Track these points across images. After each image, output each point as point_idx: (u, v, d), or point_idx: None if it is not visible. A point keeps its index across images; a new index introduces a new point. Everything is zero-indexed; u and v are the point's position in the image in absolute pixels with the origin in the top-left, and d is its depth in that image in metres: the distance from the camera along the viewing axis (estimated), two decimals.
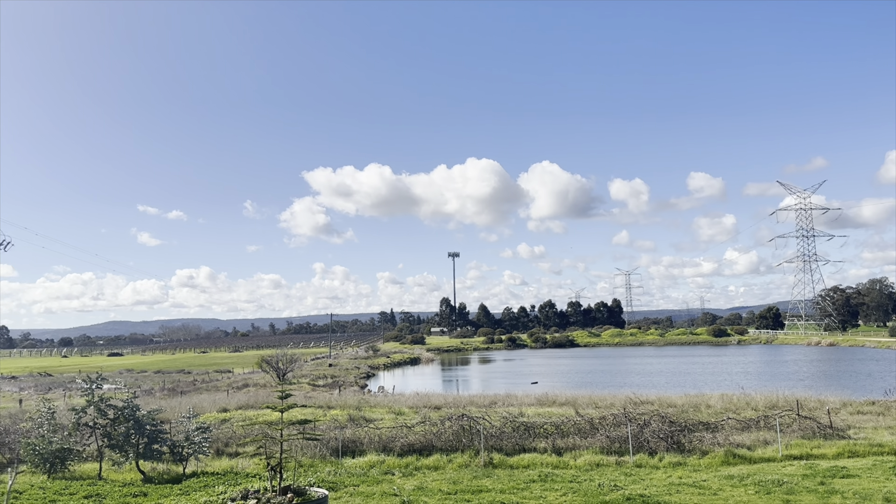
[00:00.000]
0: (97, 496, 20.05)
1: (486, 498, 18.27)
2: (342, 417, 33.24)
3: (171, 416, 31.39)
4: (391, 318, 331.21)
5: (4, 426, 28.59)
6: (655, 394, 42.75)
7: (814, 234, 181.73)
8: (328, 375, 76.15)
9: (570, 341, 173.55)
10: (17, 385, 73.53)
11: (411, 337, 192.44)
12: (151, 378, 78.74)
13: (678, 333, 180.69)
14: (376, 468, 23.41)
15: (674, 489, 18.87)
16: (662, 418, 26.14)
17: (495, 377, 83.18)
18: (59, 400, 46.21)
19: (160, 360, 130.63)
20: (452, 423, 26.58)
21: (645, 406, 34.25)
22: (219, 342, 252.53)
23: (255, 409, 40.16)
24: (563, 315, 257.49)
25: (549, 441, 25.40)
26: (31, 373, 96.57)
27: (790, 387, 47.48)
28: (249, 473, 23.05)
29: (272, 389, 53.06)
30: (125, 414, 23.26)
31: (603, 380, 70.45)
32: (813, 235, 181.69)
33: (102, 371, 27.13)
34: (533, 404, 39.07)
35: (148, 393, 55.54)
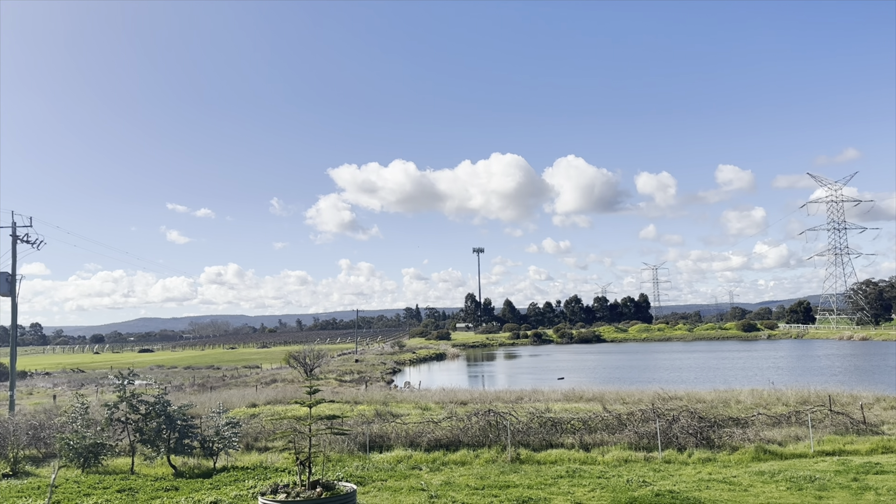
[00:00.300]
0: (130, 490, 20.39)
1: (514, 493, 18.26)
2: (369, 412, 33.42)
3: (201, 411, 31.79)
4: (416, 314, 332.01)
5: (39, 421, 29.18)
6: (684, 389, 42.37)
7: (845, 227, 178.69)
8: (354, 371, 76.60)
9: (597, 337, 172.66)
10: (50, 381, 75.01)
11: (436, 333, 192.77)
12: (181, 374, 79.84)
13: (707, 328, 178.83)
14: (403, 463, 23.51)
15: (703, 485, 18.71)
16: (691, 414, 25.91)
17: (521, 373, 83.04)
18: (92, 396, 47.05)
19: (190, 357, 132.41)
20: (479, 418, 26.59)
21: (673, 402, 33.96)
22: (247, 338, 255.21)
23: (284, 404, 40.54)
24: (589, 310, 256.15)
25: (576, 437, 25.30)
26: (64, 369, 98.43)
27: (822, 382, 46.78)
28: (279, 468, 23.27)
29: (300, 385, 53.52)
30: (156, 409, 23.60)
31: (630, 375, 69.99)
32: (844, 228, 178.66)
33: (133, 367, 27.51)
34: (560, 400, 38.96)
35: (178, 388, 56.32)
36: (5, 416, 33.21)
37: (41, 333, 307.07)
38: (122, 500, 19.07)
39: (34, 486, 21.30)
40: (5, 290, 42.25)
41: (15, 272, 42.62)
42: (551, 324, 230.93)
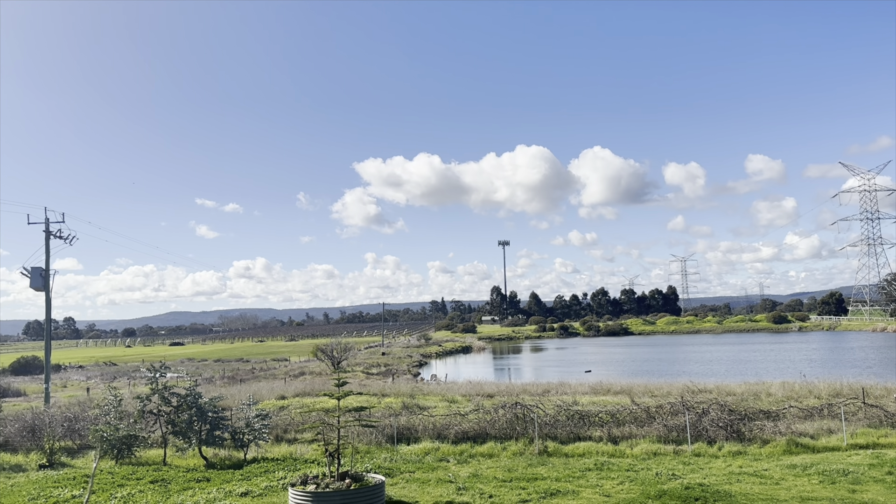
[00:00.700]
0: (162, 481, 20.72)
1: (542, 486, 18.24)
2: (396, 405, 33.56)
3: (231, 403, 32.18)
4: (442, 307, 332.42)
5: (74, 413, 29.75)
6: (714, 382, 41.93)
7: (878, 217, 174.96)
8: (381, 364, 76.97)
9: (624, 329, 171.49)
10: (84, 374, 76.45)
11: (462, 326, 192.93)
12: (211, 366, 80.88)
13: (736, 320, 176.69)
14: (431, 455, 23.59)
15: (734, 478, 18.52)
16: (721, 407, 25.62)
17: (548, 365, 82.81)
18: (124, 388, 47.84)
19: (219, 350, 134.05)
20: (506, 410, 26.57)
21: (703, 394, 33.62)
22: (275, 331, 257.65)
23: (312, 396, 40.87)
24: (616, 303, 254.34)
25: (604, 430, 25.17)
26: (97, 362, 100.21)
27: (855, 374, 46.02)
28: (308, 459, 23.49)
29: (328, 377, 53.90)
30: (188, 401, 23.95)
31: (659, 368, 69.44)
32: (878, 218, 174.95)
33: (165, 360, 28.05)
34: (587, 393, 38.77)
35: (208, 381, 57.07)
36: (41, 408, 33.92)
37: (74, 327, 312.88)
38: (155, 491, 19.39)
39: (70, 477, 21.75)
40: (39, 284, 43.10)
41: (48, 267, 43.44)
42: (578, 316, 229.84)
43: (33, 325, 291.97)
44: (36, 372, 73.59)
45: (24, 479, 22.01)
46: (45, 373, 44.12)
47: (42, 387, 47.14)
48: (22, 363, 78.36)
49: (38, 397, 46.60)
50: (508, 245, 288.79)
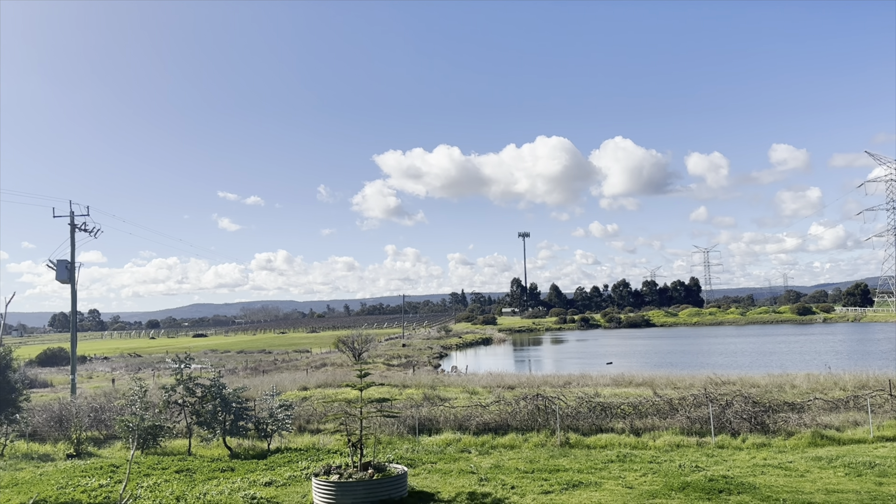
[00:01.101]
0: (187, 471, 20.96)
1: (564, 477, 18.21)
2: (417, 396, 33.67)
3: (254, 394, 32.47)
4: (462, 299, 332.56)
5: (100, 404, 30.19)
6: (737, 374, 41.58)
7: None
8: (402, 355, 77.22)
9: (646, 321, 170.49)
10: (109, 365, 77.50)
11: (482, 317, 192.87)
12: (234, 358, 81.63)
13: (760, 312, 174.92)
14: (452, 446, 23.64)
15: (758, 470, 18.36)
16: (745, 399, 25.39)
17: (568, 357, 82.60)
18: (149, 379, 48.44)
19: (242, 341, 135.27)
20: (527, 402, 26.55)
21: (726, 386, 33.37)
22: (296, 323, 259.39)
23: (334, 387, 41.14)
24: (637, 294, 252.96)
25: (626, 421, 25.07)
26: (122, 354, 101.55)
27: (881, 366, 45.34)
28: (331, 449, 23.65)
29: (349, 368, 54.20)
30: (212, 392, 24.19)
31: (681, 360, 68.98)
32: None
33: (188, 352, 28.40)
34: (609, 385, 38.62)
35: (232, 372, 57.62)
36: (67, 399, 34.44)
37: (99, 319, 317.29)
38: (180, 481, 19.63)
39: (97, 467, 22.07)
40: (65, 277, 43.72)
41: (74, 260, 44.04)
42: (598, 308, 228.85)
43: (59, 317, 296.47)
44: (62, 363, 74.72)
45: (53, 469, 22.38)
46: (72, 364, 44.82)
47: (68, 378, 47.91)
48: (48, 354, 79.59)
49: (65, 388, 47.35)
50: (528, 237, 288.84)
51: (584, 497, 16.25)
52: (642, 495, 16.20)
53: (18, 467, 23.03)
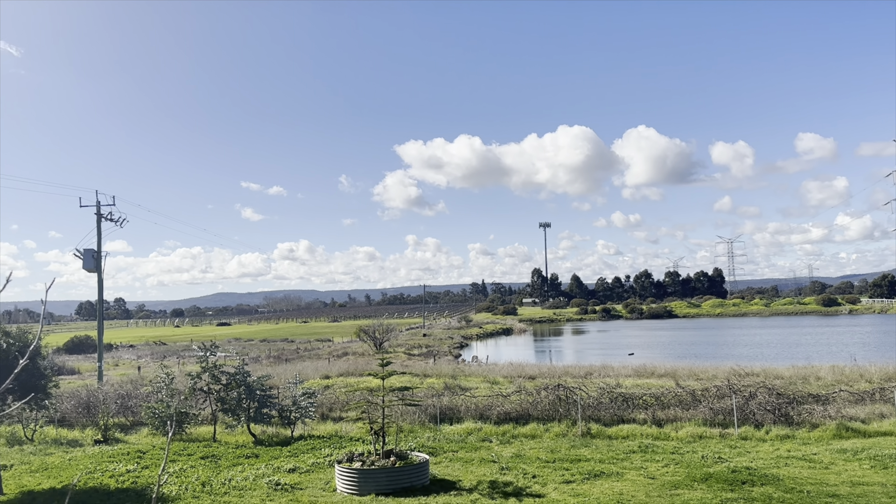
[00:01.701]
0: (213, 457, 21.28)
1: (586, 467, 18.23)
2: (438, 385, 33.79)
3: (277, 382, 32.78)
4: (482, 290, 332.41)
5: (126, 391, 30.67)
6: (761, 365, 41.23)
7: None
8: (423, 345, 77.47)
9: (668, 312, 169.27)
10: (134, 353, 78.64)
11: (503, 308, 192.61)
12: (258, 346, 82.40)
13: (784, 303, 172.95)
14: (474, 435, 23.74)
15: (782, 462, 18.25)
16: (769, 390, 25.18)
17: (590, 348, 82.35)
18: (174, 367, 49.08)
19: (265, 330, 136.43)
20: (548, 392, 26.54)
21: (750, 378, 33.10)
22: (318, 312, 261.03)
23: (356, 376, 41.42)
24: (660, 285, 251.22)
25: (648, 412, 24.98)
26: (147, 342, 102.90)
27: None
28: (353, 437, 23.86)
29: (370, 358, 54.51)
30: (237, 380, 24.49)
31: (704, 351, 68.47)
32: None
33: (213, 340, 28.70)
34: (630, 375, 38.48)
35: (255, 360, 58.17)
36: (95, 385, 35.04)
37: (125, 308, 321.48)
38: (205, 466, 19.93)
39: (124, 452, 22.47)
40: (92, 266, 44.37)
41: (100, 249, 44.67)
42: (620, 299, 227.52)
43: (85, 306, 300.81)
44: (89, 351, 75.90)
45: (81, 454, 22.82)
46: (98, 351, 45.56)
47: (95, 365, 48.67)
48: (75, 342, 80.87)
49: (92, 375, 48.13)
50: (549, 227, 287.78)
51: (606, 487, 16.27)
52: (664, 486, 16.18)
53: (48, 452, 23.51)
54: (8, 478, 19.32)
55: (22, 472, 20.38)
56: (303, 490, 17.00)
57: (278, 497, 16.39)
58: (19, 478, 19.52)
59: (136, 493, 17.27)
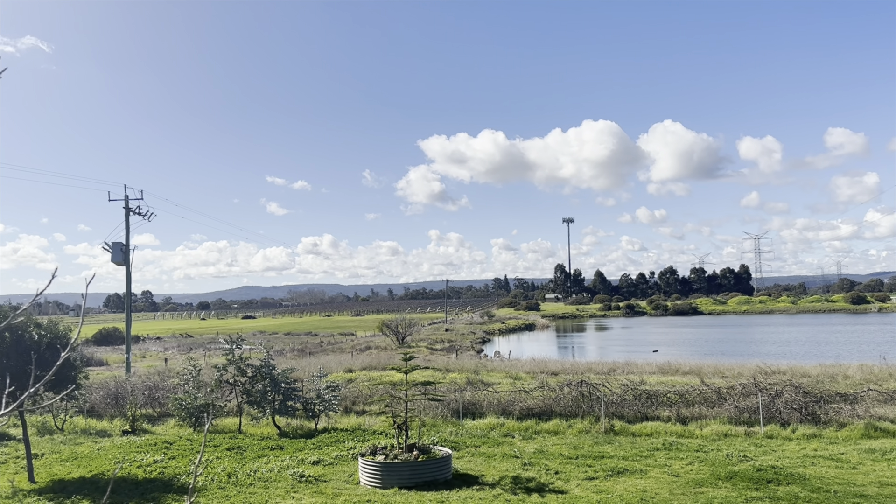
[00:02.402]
0: (238, 448, 21.53)
1: (609, 464, 18.17)
2: (460, 380, 33.83)
3: (301, 375, 33.05)
4: (505, 285, 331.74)
5: (154, 383, 31.09)
6: (787, 363, 40.73)
7: None
8: (445, 340, 77.59)
9: (693, 309, 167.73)
10: (161, 345, 79.69)
11: (525, 303, 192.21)
12: (282, 339, 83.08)
13: (812, 300, 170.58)
14: (496, 430, 23.77)
15: (808, 461, 18.05)
16: (796, 388, 24.88)
17: (613, 344, 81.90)
18: (200, 359, 49.68)
19: (289, 323, 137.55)
20: (571, 388, 26.47)
21: (776, 376, 32.73)
22: (341, 306, 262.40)
23: (378, 370, 41.61)
24: (685, 282, 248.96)
25: (672, 410, 24.82)
26: (174, 334, 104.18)
27: None
28: (376, 430, 24.00)
29: (393, 352, 54.73)
30: (262, 372, 24.74)
31: (730, 349, 67.81)
32: None
33: (238, 332, 29.06)
34: (654, 373, 38.21)
35: (279, 353, 58.67)
36: (123, 377, 35.57)
37: (152, 300, 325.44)
38: (231, 458, 20.18)
39: (151, 443, 22.82)
40: (120, 259, 45.02)
41: (128, 242, 45.30)
42: (644, 295, 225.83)
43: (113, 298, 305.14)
44: (117, 342, 77.03)
45: (110, 444, 23.21)
46: (126, 343, 46.23)
47: (123, 357, 49.41)
48: (104, 334, 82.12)
49: (119, 367, 48.86)
50: (573, 222, 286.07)
51: (630, 484, 16.21)
52: (688, 483, 16.09)
53: (77, 442, 23.95)
54: (39, 466, 19.72)
55: (53, 460, 20.79)
56: (327, 482, 17.15)
57: (303, 489, 16.55)
58: (50, 466, 19.93)
59: (162, 483, 17.55)
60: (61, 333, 19.58)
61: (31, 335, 18.66)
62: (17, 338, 18.32)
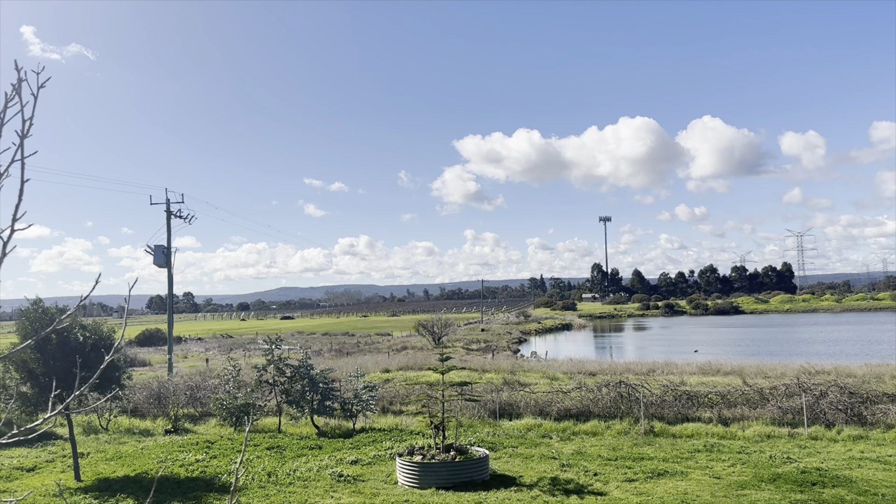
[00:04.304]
0: (278, 448, 21.79)
1: (649, 465, 17.96)
2: (497, 381, 33.76)
3: (339, 375, 33.32)
4: (541, 285, 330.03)
5: (195, 383, 31.63)
6: (832, 363, 39.77)
7: None
8: (481, 340, 77.49)
9: (734, 308, 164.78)
10: (203, 346, 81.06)
11: (562, 303, 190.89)
12: (320, 339, 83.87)
13: (857, 299, 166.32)
14: (533, 431, 23.65)
15: (854, 463, 17.61)
16: (841, 389, 24.28)
17: (652, 345, 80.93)
18: (240, 359, 50.40)
19: (326, 324, 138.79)
20: (609, 389, 26.22)
21: (820, 376, 31.99)
22: (378, 307, 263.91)
23: (415, 370, 41.73)
24: (725, 280, 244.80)
25: (714, 411, 24.42)
26: (215, 335, 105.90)
27: None
28: (413, 430, 24.07)
29: (429, 352, 54.84)
30: (300, 372, 25.00)
31: (772, 349, 66.49)
32: None
33: (277, 333, 29.46)
34: (695, 373, 37.63)
35: (317, 353, 59.22)
36: (165, 377, 36.26)
37: (193, 302, 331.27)
38: (271, 457, 20.43)
39: (193, 442, 23.21)
40: (162, 261, 45.88)
41: (170, 245, 46.15)
42: (684, 295, 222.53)
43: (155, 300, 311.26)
44: (159, 343, 78.56)
45: (153, 443, 23.68)
46: (168, 344, 47.10)
47: (165, 357, 50.35)
48: (146, 335, 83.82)
49: (162, 367, 49.82)
50: (610, 221, 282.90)
51: (670, 486, 15.99)
52: (731, 486, 15.81)
53: (122, 441, 24.49)
54: (85, 465, 20.21)
55: (98, 459, 21.29)
56: (365, 482, 17.25)
57: (341, 488, 16.67)
58: (95, 465, 20.40)
59: (204, 482, 17.83)
60: (105, 335, 20.04)
61: (76, 337, 19.14)
62: (62, 339, 18.80)
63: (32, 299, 19.58)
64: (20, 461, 21.05)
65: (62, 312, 21.33)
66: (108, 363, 11.63)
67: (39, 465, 20.85)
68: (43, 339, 18.13)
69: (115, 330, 22.73)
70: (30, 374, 18.86)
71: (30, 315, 19.00)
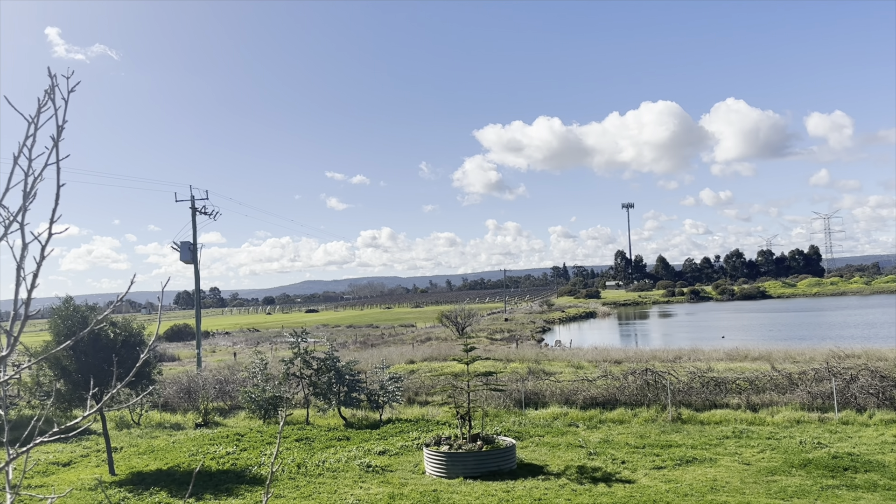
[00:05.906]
0: (306, 440, 22.02)
1: (677, 453, 17.88)
2: (522, 370, 33.75)
3: (364, 366, 33.53)
4: (564, 273, 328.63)
5: (224, 377, 32.03)
6: (862, 347, 39.21)
7: None
8: (504, 330, 77.46)
9: (761, 293, 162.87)
10: (230, 340, 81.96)
11: (585, 291, 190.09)
12: (344, 332, 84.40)
13: (887, 281, 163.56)
14: (559, 420, 23.65)
15: (887, 448, 17.40)
16: (872, 373, 23.95)
17: (678, 331, 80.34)
18: (267, 353, 50.89)
19: (351, 316, 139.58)
20: (636, 377, 26.11)
21: (850, 360, 31.55)
22: (401, 298, 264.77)
23: (439, 360, 41.85)
24: (752, 265, 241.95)
25: (742, 397, 24.23)
26: (241, 329, 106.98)
27: None
28: (439, 421, 24.19)
29: (453, 343, 54.94)
30: (327, 365, 25.23)
31: (801, 333, 65.71)
32: None
33: (303, 326, 29.82)
34: (722, 359, 37.32)
35: (342, 346, 59.60)
36: (194, 371, 36.74)
37: (219, 297, 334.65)
38: (300, 449, 20.66)
39: (223, 435, 23.53)
40: (188, 257, 46.42)
41: (196, 241, 46.67)
42: (709, 280, 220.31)
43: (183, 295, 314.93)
44: (187, 338, 79.53)
45: (184, 437, 24.04)
46: (196, 339, 47.73)
47: (194, 352, 51.04)
48: (175, 330, 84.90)
49: (191, 361, 50.49)
50: (633, 207, 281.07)
51: (699, 473, 15.92)
52: (760, 472, 15.71)
53: (153, 435, 24.89)
54: (118, 459, 20.59)
55: (131, 453, 21.67)
56: (393, 472, 17.39)
57: (370, 479, 16.82)
58: (128, 459, 20.77)
59: (235, 475, 18.09)
60: (135, 331, 20.34)
61: (106, 333, 19.45)
62: (94, 336, 19.11)
63: (63, 297, 19.91)
64: (56, 456, 21.50)
65: (92, 310, 21.69)
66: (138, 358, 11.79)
67: (75, 459, 21.28)
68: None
69: (144, 326, 23.05)
70: (63, 372, 19.22)
71: (61, 313, 19.34)
